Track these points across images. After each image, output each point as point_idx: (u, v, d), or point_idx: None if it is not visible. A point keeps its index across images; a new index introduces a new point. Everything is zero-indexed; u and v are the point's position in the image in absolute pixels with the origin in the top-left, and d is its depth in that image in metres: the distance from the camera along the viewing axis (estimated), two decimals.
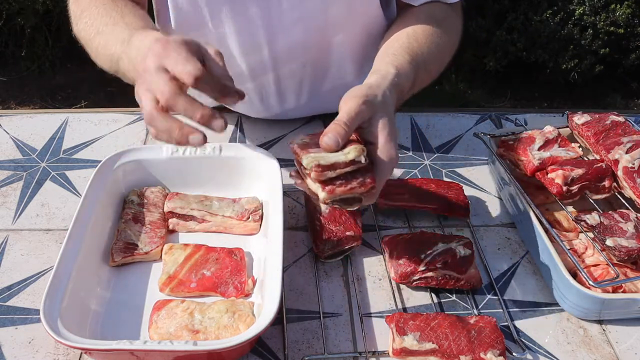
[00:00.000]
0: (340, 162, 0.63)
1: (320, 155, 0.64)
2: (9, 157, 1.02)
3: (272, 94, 1.04)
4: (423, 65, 0.82)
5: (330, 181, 0.63)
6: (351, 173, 0.64)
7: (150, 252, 0.81)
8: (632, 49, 2.64)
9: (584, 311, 0.78)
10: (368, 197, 0.66)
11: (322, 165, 0.63)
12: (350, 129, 0.65)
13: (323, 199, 0.64)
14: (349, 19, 0.93)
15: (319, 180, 0.63)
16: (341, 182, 0.63)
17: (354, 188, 0.63)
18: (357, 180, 0.64)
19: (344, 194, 0.64)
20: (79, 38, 0.86)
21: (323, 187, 0.63)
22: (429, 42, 0.85)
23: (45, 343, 0.73)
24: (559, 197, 0.86)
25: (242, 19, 0.90)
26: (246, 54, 0.96)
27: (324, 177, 0.63)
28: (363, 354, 0.73)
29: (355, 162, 0.63)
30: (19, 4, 2.53)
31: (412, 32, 0.85)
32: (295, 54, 0.96)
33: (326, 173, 0.63)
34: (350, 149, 0.64)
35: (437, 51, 0.86)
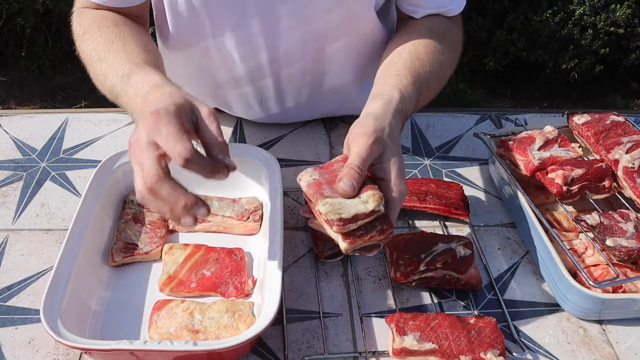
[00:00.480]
0: (361, 213, 0.63)
1: (339, 205, 0.63)
2: (9, 157, 1.02)
3: (271, 98, 1.04)
4: (425, 85, 0.82)
5: (351, 232, 0.63)
6: (371, 222, 0.64)
7: (150, 252, 0.81)
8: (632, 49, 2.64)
9: (584, 311, 0.78)
10: (385, 240, 0.67)
11: (344, 219, 0.62)
12: (363, 172, 0.66)
13: (345, 250, 0.64)
14: (348, 25, 0.93)
15: (340, 232, 0.63)
16: (362, 233, 0.63)
17: (374, 237, 0.64)
18: (376, 229, 0.64)
19: (364, 244, 0.64)
20: (81, 58, 0.86)
21: (344, 238, 0.63)
22: (431, 60, 0.85)
23: (45, 343, 0.73)
24: (559, 197, 0.86)
25: (241, 24, 0.90)
26: (245, 59, 0.95)
27: (346, 229, 0.63)
28: (363, 354, 0.73)
29: (375, 212, 0.63)
30: (19, 4, 2.53)
31: (414, 50, 0.85)
32: (294, 58, 0.96)
33: (348, 226, 0.63)
34: (369, 198, 0.64)
35: (439, 69, 0.86)
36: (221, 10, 0.88)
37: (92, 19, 0.86)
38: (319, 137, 1.09)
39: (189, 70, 1.01)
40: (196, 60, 0.98)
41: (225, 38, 0.92)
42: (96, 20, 0.85)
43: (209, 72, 1.01)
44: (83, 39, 0.85)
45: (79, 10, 0.89)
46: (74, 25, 0.89)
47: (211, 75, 1.01)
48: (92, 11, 0.87)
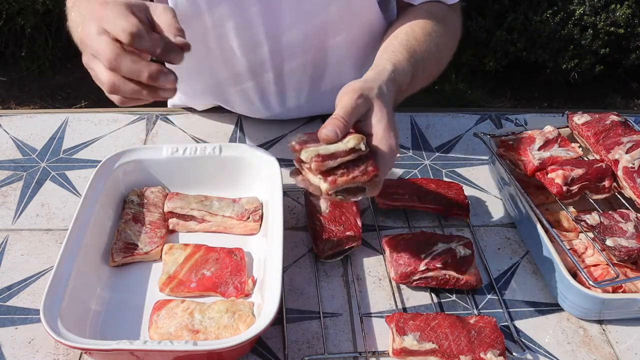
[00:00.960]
0: (340, 150, 0.62)
1: (320, 147, 0.63)
2: (9, 157, 1.02)
3: (272, 93, 1.04)
4: (422, 63, 0.82)
5: (332, 171, 0.62)
6: (352, 162, 0.63)
7: (150, 252, 0.81)
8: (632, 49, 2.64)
9: (584, 311, 0.78)
10: (372, 187, 0.65)
11: (322, 154, 0.62)
12: (348, 123, 0.65)
13: (326, 190, 0.63)
14: (349, 17, 0.93)
15: (320, 171, 0.62)
16: (343, 172, 0.62)
17: (357, 177, 0.62)
18: (359, 169, 0.62)
19: (346, 184, 0.62)
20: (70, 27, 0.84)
21: (325, 178, 0.62)
22: (428, 40, 0.85)
23: (45, 343, 0.73)
24: (559, 197, 0.86)
25: (243, 16, 0.90)
26: (246, 52, 0.96)
27: (324, 167, 0.62)
28: (363, 354, 0.73)
29: (356, 150, 0.62)
30: (19, 4, 2.53)
31: (411, 31, 0.85)
32: (296, 52, 0.96)
33: (327, 163, 0.62)
34: (350, 138, 0.63)
35: (436, 50, 0.86)
36: (223, 4, 0.88)
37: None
38: None
39: (190, 68, 1.01)
40: (197, 57, 0.99)
41: (227, 32, 0.93)
42: None
43: (210, 69, 1.01)
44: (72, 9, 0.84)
45: None
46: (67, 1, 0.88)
47: (212, 73, 1.02)
48: None
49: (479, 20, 2.58)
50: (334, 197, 0.63)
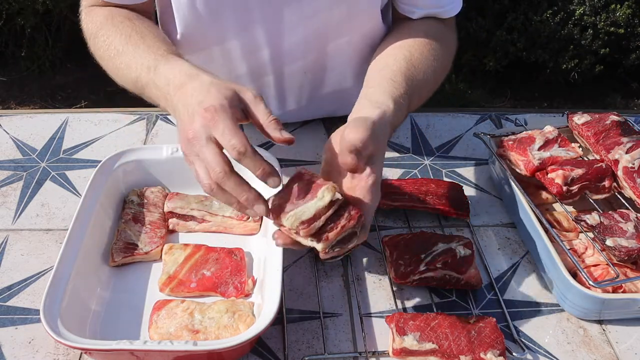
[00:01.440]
0: (320, 208, 0.63)
1: (300, 212, 0.64)
2: (9, 157, 1.02)
3: (272, 97, 1.04)
4: (417, 93, 0.82)
5: (321, 230, 0.64)
6: (335, 213, 0.64)
7: (150, 252, 0.81)
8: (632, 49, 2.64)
9: (584, 311, 0.78)
10: (361, 230, 0.66)
11: (306, 220, 0.63)
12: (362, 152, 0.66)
13: (322, 249, 0.64)
14: (350, 21, 0.93)
15: (310, 235, 0.64)
16: (331, 226, 0.64)
17: (345, 225, 0.64)
18: (344, 217, 0.64)
19: (339, 236, 0.64)
20: (96, 56, 0.86)
21: (317, 239, 0.64)
22: (425, 67, 0.84)
23: (45, 343, 0.73)
24: (559, 197, 0.86)
25: (244, 21, 0.90)
26: (247, 56, 0.96)
27: (313, 230, 0.63)
28: (363, 354, 0.73)
29: (333, 201, 0.63)
30: (19, 4, 2.53)
31: (410, 56, 0.84)
32: (296, 55, 0.96)
33: (314, 225, 0.63)
34: (323, 191, 0.64)
35: (432, 77, 0.86)
36: (224, 8, 0.88)
37: (104, 15, 0.86)
38: (319, 137, 1.09)
39: None
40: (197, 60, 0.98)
41: (228, 36, 0.92)
42: (108, 17, 0.85)
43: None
44: (97, 35, 0.85)
45: (87, 9, 0.90)
46: (85, 24, 0.89)
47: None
48: (102, 9, 0.88)
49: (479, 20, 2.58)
50: (332, 252, 0.65)
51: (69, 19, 2.63)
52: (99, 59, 0.86)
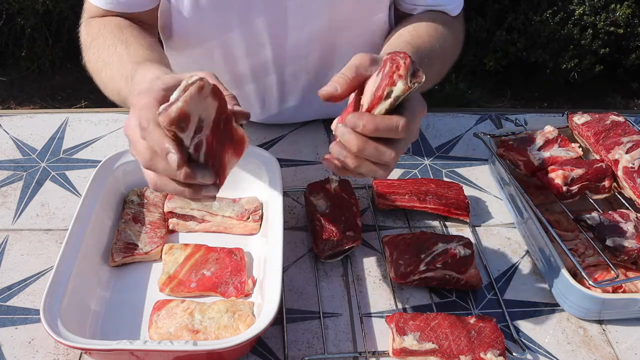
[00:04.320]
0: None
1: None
2: (9, 157, 1.02)
3: (273, 98, 1.04)
4: (427, 60, 0.80)
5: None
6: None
7: (150, 252, 0.81)
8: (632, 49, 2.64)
9: (584, 311, 0.78)
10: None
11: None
12: (347, 76, 0.61)
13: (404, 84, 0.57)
14: (354, 20, 0.93)
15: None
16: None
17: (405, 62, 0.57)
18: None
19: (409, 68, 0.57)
20: (88, 68, 0.85)
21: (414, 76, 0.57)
22: (432, 41, 0.84)
23: (45, 343, 0.73)
24: (559, 197, 0.86)
25: (247, 19, 0.90)
26: (250, 55, 0.95)
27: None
28: (363, 354, 0.73)
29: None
30: (19, 4, 2.53)
31: (415, 31, 0.85)
32: (299, 55, 0.96)
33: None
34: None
35: (439, 49, 0.85)
36: (227, 7, 0.88)
37: (98, 27, 0.86)
38: (319, 137, 1.09)
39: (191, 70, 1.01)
40: (198, 60, 0.98)
41: (230, 34, 0.92)
42: (101, 28, 0.85)
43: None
44: (90, 47, 0.85)
45: (86, 22, 0.89)
46: (82, 37, 0.88)
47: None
48: (99, 20, 0.87)
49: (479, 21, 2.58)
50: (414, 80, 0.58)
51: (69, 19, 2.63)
52: (91, 72, 0.85)
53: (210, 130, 0.57)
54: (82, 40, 0.88)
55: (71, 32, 2.67)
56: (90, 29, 0.87)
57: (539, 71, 2.71)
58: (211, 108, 0.57)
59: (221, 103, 0.58)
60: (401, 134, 0.59)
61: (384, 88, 0.57)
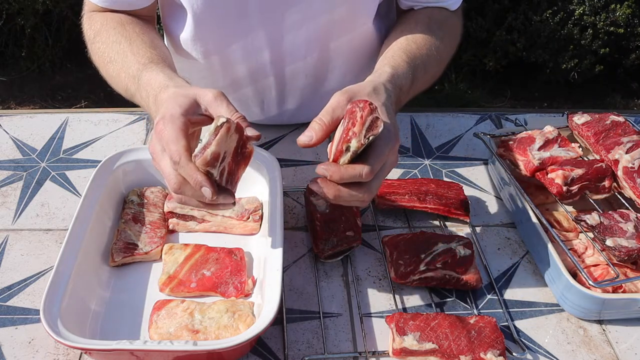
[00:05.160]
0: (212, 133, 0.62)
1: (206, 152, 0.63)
2: (9, 157, 1.02)
3: (272, 101, 1.04)
4: (422, 66, 0.82)
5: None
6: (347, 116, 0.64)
7: (150, 252, 0.81)
8: (632, 49, 2.64)
9: (584, 311, 0.78)
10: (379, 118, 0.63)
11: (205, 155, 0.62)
12: (324, 122, 0.66)
13: (357, 142, 0.62)
14: (350, 23, 0.93)
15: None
16: (349, 123, 0.62)
17: (362, 115, 0.62)
18: (357, 111, 0.63)
19: (363, 126, 0.61)
20: (94, 62, 0.88)
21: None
22: (428, 44, 0.85)
23: (45, 343, 0.73)
24: (559, 197, 0.86)
25: (244, 24, 0.90)
26: (247, 59, 0.95)
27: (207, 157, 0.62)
28: (363, 354, 0.73)
29: (219, 126, 0.62)
30: (19, 4, 2.53)
31: (411, 36, 0.86)
32: (297, 57, 0.96)
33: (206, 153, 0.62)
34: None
35: (436, 53, 0.86)
36: (223, 9, 0.88)
37: (101, 22, 0.87)
38: None
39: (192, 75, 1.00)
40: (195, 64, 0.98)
41: (227, 38, 0.92)
42: (104, 23, 0.87)
43: (208, 76, 1.01)
44: (94, 41, 0.87)
45: (88, 14, 0.90)
46: (85, 30, 0.90)
47: (210, 80, 1.01)
48: (101, 15, 0.89)
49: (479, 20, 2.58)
50: (367, 140, 0.62)
51: (69, 19, 2.63)
52: (96, 65, 0.88)
53: (231, 157, 0.65)
54: (85, 33, 0.90)
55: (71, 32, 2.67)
56: (93, 23, 0.88)
57: (539, 71, 2.71)
58: (234, 141, 0.64)
59: (240, 134, 0.65)
60: (367, 179, 0.63)
61: (342, 143, 0.63)
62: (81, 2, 0.92)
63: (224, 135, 0.62)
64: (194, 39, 0.93)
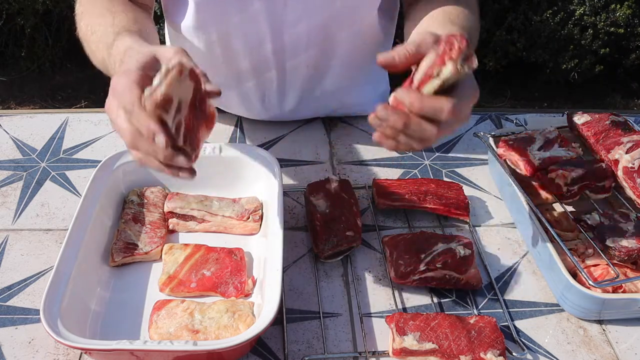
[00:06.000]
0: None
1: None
2: (9, 157, 1.02)
3: (273, 93, 1.04)
4: (470, 38, 0.78)
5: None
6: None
7: (150, 252, 0.81)
8: (632, 49, 2.64)
9: (584, 311, 0.78)
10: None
11: None
12: (407, 51, 0.61)
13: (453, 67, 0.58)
14: (353, 15, 0.93)
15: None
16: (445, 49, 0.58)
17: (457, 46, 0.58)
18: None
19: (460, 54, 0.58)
20: (80, 38, 0.87)
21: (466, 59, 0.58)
22: (464, 20, 0.82)
23: (45, 343, 0.73)
24: (559, 197, 0.86)
25: (246, 14, 0.90)
26: (249, 50, 0.96)
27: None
28: (363, 354, 0.73)
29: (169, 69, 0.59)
30: (19, 4, 2.53)
31: (444, 13, 0.82)
32: (299, 49, 0.96)
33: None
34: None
35: (474, 25, 0.83)
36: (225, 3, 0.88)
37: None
38: (319, 137, 1.09)
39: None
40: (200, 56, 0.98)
41: (230, 31, 0.93)
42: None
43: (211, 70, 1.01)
44: (82, 17, 0.85)
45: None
46: (76, 6, 0.89)
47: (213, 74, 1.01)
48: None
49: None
50: (464, 66, 0.58)
51: (69, 19, 2.63)
52: (81, 41, 0.86)
53: (189, 111, 0.61)
54: (76, 9, 0.88)
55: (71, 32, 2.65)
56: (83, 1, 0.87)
57: (539, 71, 2.71)
58: (189, 89, 0.60)
59: (197, 84, 0.61)
60: (446, 116, 0.59)
61: (434, 67, 0.58)
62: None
63: (175, 77, 0.58)
64: (197, 28, 0.93)
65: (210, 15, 0.91)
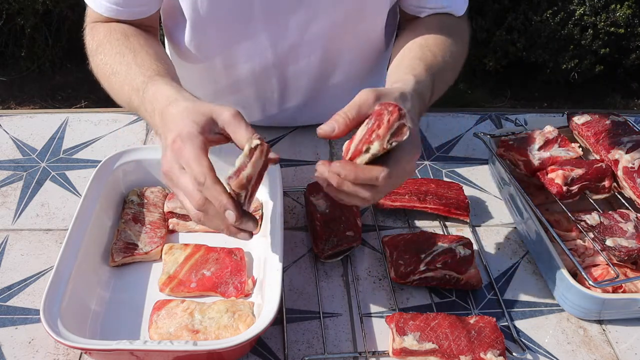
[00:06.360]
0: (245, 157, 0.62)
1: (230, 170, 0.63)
2: (9, 157, 1.02)
3: (273, 100, 1.04)
4: (439, 75, 0.80)
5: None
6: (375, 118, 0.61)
7: (150, 252, 0.81)
8: (632, 49, 2.64)
9: (584, 311, 0.78)
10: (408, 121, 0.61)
11: (232, 173, 0.62)
12: (347, 116, 0.63)
13: (380, 145, 0.59)
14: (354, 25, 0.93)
15: (240, 186, 0.63)
16: (375, 125, 0.60)
17: (389, 119, 0.59)
18: (384, 115, 0.60)
19: (389, 130, 0.59)
20: (95, 73, 0.87)
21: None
22: (443, 52, 0.83)
23: (45, 343, 0.73)
24: (559, 197, 0.86)
25: (248, 25, 0.90)
26: (250, 59, 0.95)
27: (242, 180, 0.62)
28: (363, 354, 0.73)
29: (253, 148, 0.62)
30: (19, 4, 2.53)
31: (425, 43, 0.84)
32: (299, 58, 0.96)
33: (241, 176, 0.62)
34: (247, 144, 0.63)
35: (451, 60, 0.85)
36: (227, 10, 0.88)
37: (104, 33, 0.86)
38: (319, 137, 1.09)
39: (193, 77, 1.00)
40: (199, 65, 0.98)
41: (231, 38, 0.92)
42: (107, 34, 0.85)
43: (210, 78, 1.01)
44: (96, 53, 0.85)
45: (90, 25, 0.89)
46: (87, 41, 0.89)
47: (212, 81, 1.01)
48: (104, 25, 0.87)
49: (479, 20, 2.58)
50: (390, 145, 0.60)
51: (69, 19, 2.63)
52: (97, 77, 0.86)
53: (256, 181, 0.64)
54: (87, 44, 0.88)
55: (71, 32, 2.67)
56: (96, 34, 0.87)
57: (539, 71, 2.71)
58: (261, 164, 0.64)
59: (266, 157, 0.64)
60: (381, 183, 0.61)
61: (363, 144, 0.60)
62: (81, 2, 0.92)
63: (258, 157, 0.61)
64: (198, 41, 0.93)
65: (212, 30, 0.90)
